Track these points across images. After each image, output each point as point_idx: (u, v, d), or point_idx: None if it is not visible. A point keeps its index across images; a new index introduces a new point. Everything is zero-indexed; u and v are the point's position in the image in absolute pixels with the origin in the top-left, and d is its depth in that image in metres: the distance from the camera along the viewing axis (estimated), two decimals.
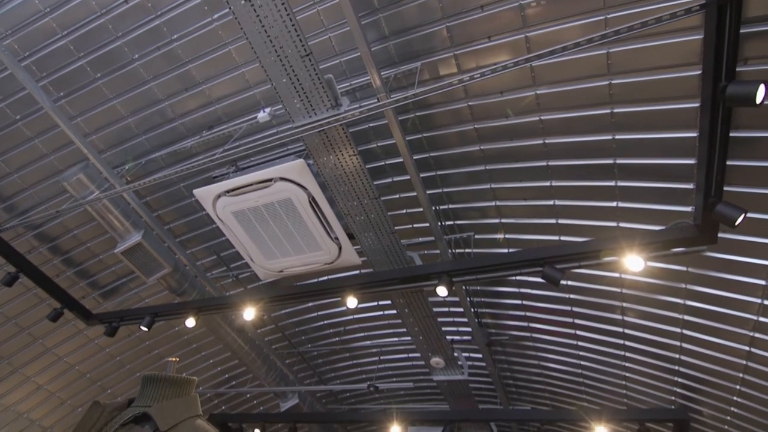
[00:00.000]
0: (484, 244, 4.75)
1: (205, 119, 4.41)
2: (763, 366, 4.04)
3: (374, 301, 6.04)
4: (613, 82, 3.17)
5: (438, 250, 4.35)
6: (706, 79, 2.28)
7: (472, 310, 5.03)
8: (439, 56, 3.53)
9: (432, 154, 4.19)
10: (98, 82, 4.15)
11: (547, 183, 3.96)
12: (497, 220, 4.49)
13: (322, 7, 3.52)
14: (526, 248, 4.48)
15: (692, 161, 3.24)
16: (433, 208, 4.47)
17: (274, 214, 3.80)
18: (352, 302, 3.90)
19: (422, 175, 4.35)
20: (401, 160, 4.08)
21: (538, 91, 3.44)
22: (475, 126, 3.84)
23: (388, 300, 5.88)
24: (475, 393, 5.83)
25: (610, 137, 3.43)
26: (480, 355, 5.78)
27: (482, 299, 5.42)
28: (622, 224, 3.91)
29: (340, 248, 4.02)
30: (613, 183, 3.69)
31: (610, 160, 3.56)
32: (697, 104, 2.98)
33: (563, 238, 4.29)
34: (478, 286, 5.29)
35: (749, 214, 2.93)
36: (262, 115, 3.70)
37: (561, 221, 4.19)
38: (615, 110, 3.29)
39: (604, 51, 3.07)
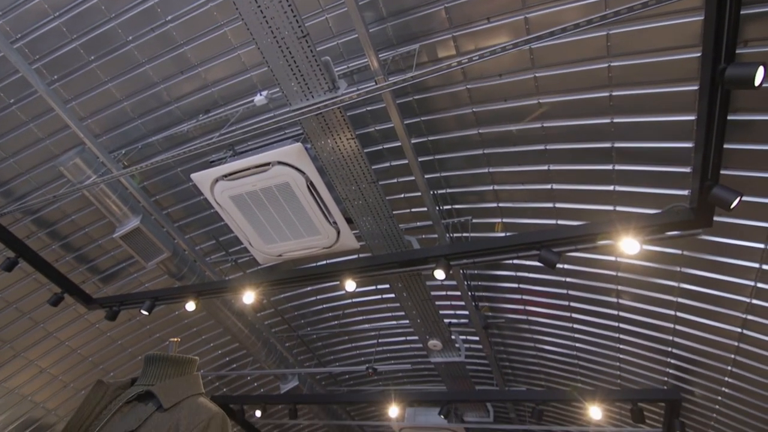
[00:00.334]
0: (481, 228, 4.78)
1: (202, 103, 4.37)
2: (754, 347, 4.11)
3: (372, 285, 6.10)
4: (613, 64, 3.15)
5: (436, 235, 4.37)
6: (706, 61, 2.27)
7: (470, 293, 5.09)
8: (437, 38, 3.49)
9: (430, 138, 4.18)
10: (92, 65, 4.09)
11: (545, 167, 3.97)
12: (495, 204, 4.51)
13: None
14: (523, 232, 4.51)
15: (690, 144, 3.25)
16: (431, 192, 4.47)
17: (272, 199, 3.80)
18: (350, 286, 3.94)
19: (420, 159, 4.34)
20: (399, 144, 4.06)
21: (537, 74, 3.42)
22: (474, 109, 3.82)
23: (386, 284, 5.93)
24: (471, 374, 5.94)
25: (608, 120, 3.42)
26: (477, 338, 5.86)
27: (479, 283, 5.47)
28: (618, 208, 3.94)
29: (339, 232, 4.04)
30: (610, 167, 3.70)
31: (608, 144, 3.56)
32: (696, 87, 2.97)
33: (560, 222, 4.31)
34: (475, 270, 5.34)
35: (745, 198, 2.95)
36: (259, 99, 3.67)
37: (558, 205, 4.20)
38: (614, 93, 3.28)
39: (604, 32, 3.04)
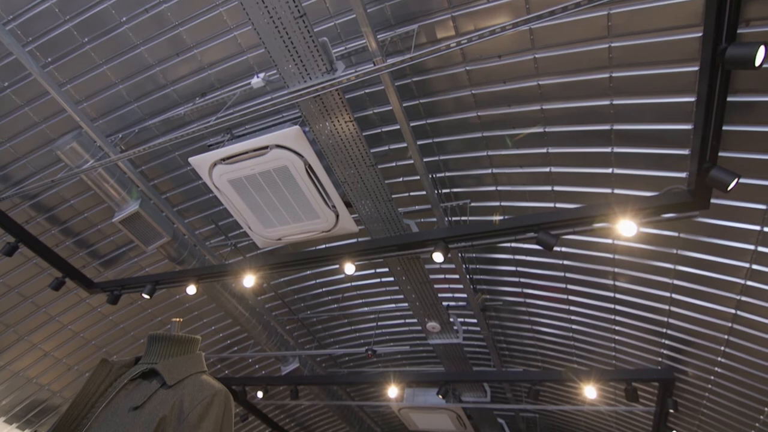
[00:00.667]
0: (480, 212, 4.79)
1: (198, 85, 4.32)
2: (747, 328, 4.18)
3: (371, 269, 6.14)
4: (613, 45, 3.12)
5: (435, 218, 4.40)
6: (707, 41, 2.25)
7: (468, 276, 5.13)
8: (436, 18, 3.44)
9: (429, 120, 4.16)
10: (86, 47, 4.03)
11: (544, 150, 3.96)
12: (494, 188, 4.51)
13: None
14: (521, 215, 4.52)
15: (688, 126, 3.24)
16: (430, 175, 4.47)
17: (271, 182, 3.80)
18: (350, 269, 3.97)
19: (419, 142, 4.33)
20: (398, 127, 4.05)
21: (536, 55, 3.38)
22: (473, 92, 3.79)
23: (385, 267, 5.98)
24: (469, 356, 6.04)
25: (607, 102, 3.40)
26: (475, 320, 5.94)
27: (478, 266, 5.52)
28: (616, 191, 3.94)
29: (337, 216, 4.05)
30: (609, 149, 3.69)
31: (607, 126, 3.55)
32: (696, 68, 2.95)
33: (558, 205, 4.33)
34: (473, 254, 5.37)
35: (742, 180, 2.97)
36: (256, 81, 3.63)
37: (556, 188, 4.21)
38: (614, 74, 3.25)
39: (605, 12, 3.00)
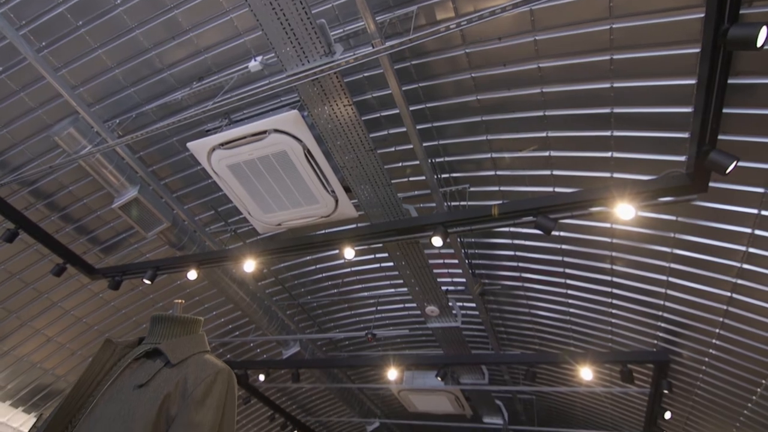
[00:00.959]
0: (479, 197, 4.80)
1: (195, 70, 4.27)
2: (742, 311, 4.23)
3: (371, 254, 6.18)
4: (615, 26, 3.08)
5: (434, 203, 4.40)
6: (709, 21, 2.23)
7: (467, 261, 5.16)
8: None
9: (428, 104, 4.13)
10: (80, 31, 3.97)
11: (543, 134, 3.95)
12: (493, 173, 4.51)
13: None
14: (520, 199, 4.53)
15: (688, 109, 3.22)
16: (430, 160, 4.47)
17: (270, 167, 3.80)
18: (349, 253, 3.99)
19: (418, 126, 4.30)
20: (397, 111, 4.03)
21: (537, 37, 3.34)
22: (473, 75, 3.76)
23: (384, 253, 6.01)
24: (468, 339, 6.10)
25: (608, 85, 3.38)
26: (473, 304, 6.00)
27: (476, 251, 5.55)
28: (615, 175, 3.95)
29: (337, 201, 4.06)
30: (608, 133, 3.68)
31: (607, 110, 3.53)
32: (697, 49, 2.92)
33: (557, 189, 4.33)
34: (472, 239, 5.40)
35: (741, 163, 2.96)
36: (254, 64, 3.60)
37: (555, 172, 4.21)
38: (615, 57, 3.22)
39: None
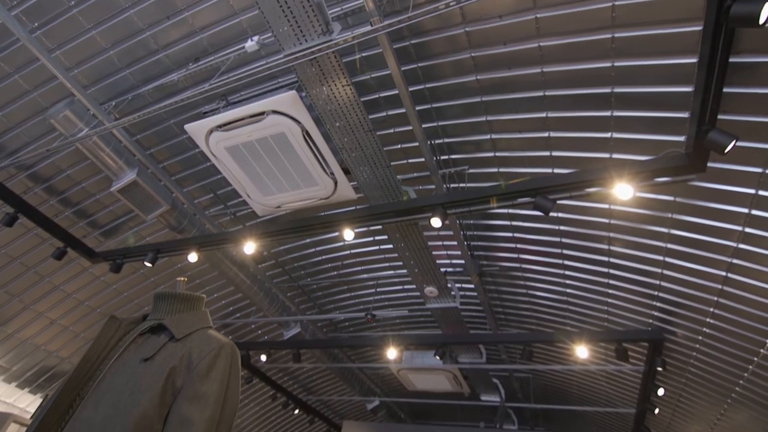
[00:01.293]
0: (478, 178, 4.80)
1: (191, 50, 4.21)
2: (737, 290, 4.30)
3: (370, 236, 6.21)
4: (617, 3, 3.04)
5: (433, 185, 4.41)
6: None
7: (466, 243, 5.20)
8: None
9: (427, 85, 4.10)
10: (73, 11, 3.89)
11: (543, 114, 3.93)
12: (492, 154, 4.50)
13: None
14: (519, 180, 4.54)
15: (689, 89, 3.21)
16: (429, 142, 4.45)
17: (269, 149, 3.79)
18: (349, 235, 4.02)
19: (417, 108, 4.27)
20: (396, 92, 3.99)
21: (538, 15, 3.29)
22: (472, 54, 3.71)
23: (384, 235, 6.04)
24: (466, 319, 6.20)
25: (609, 64, 3.35)
26: (472, 285, 6.07)
27: (475, 233, 5.58)
28: (615, 155, 3.95)
29: (336, 183, 4.06)
30: (608, 113, 3.67)
31: (608, 89, 3.51)
32: (699, 27, 2.88)
33: (556, 170, 4.34)
34: (471, 220, 5.42)
35: (740, 143, 2.96)
36: (250, 44, 3.55)
37: (555, 153, 4.21)
38: (616, 35, 3.19)
39: None
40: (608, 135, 3.83)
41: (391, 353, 6.41)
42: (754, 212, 3.67)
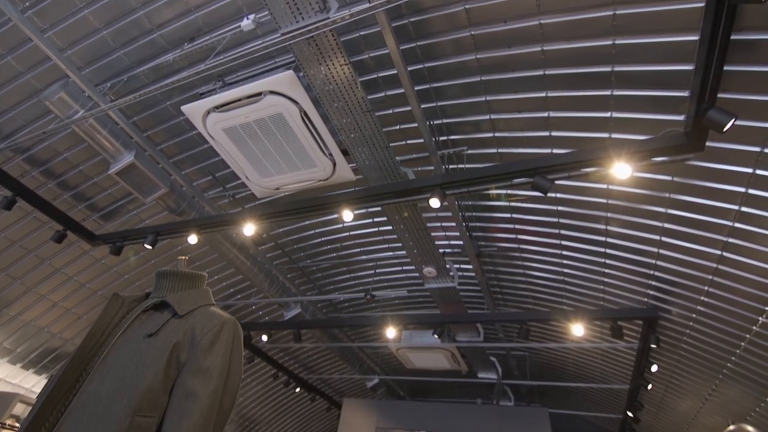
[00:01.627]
0: (477, 159, 4.80)
1: (185, 30, 4.14)
2: (731, 268, 4.35)
3: (369, 218, 6.23)
4: None
5: (432, 166, 4.40)
6: None
7: (464, 224, 5.23)
8: None
9: (426, 64, 4.05)
10: None
11: (543, 93, 3.90)
12: (491, 134, 4.49)
13: None
14: (517, 161, 4.54)
15: (690, 67, 3.18)
16: (428, 122, 4.43)
17: (266, 130, 3.77)
18: (348, 216, 4.04)
19: (416, 88, 4.23)
20: (395, 71, 3.94)
21: None
22: (472, 32, 3.66)
23: (383, 217, 6.06)
24: (464, 299, 6.29)
25: (610, 42, 3.32)
26: (470, 266, 6.13)
27: (474, 213, 5.61)
28: (614, 135, 3.94)
29: (335, 164, 4.05)
30: (608, 92, 3.64)
31: (608, 68, 3.48)
32: (702, 4, 2.84)
33: (555, 151, 4.33)
34: (470, 201, 5.44)
35: (739, 122, 2.96)
36: (246, 23, 3.49)
37: (554, 134, 4.20)
38: (617, 12, 3.14)
39: None
40: (608, 114, 3.81)
41: (391, 333, 6.51)
42: (751, 191, 3.69)
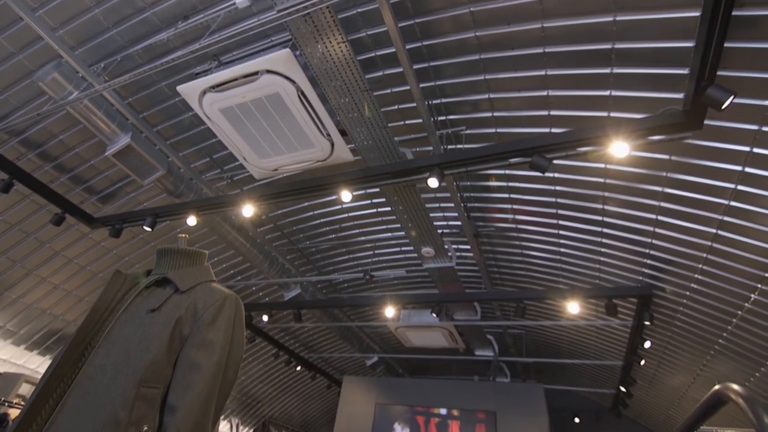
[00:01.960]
0: (475, 139, 4.78)
1: (179, 8, 4.05)
2: (726, 246, 4.40)
3: (368, 200, 6.25)
4: None
5: (430, 147, 4.39)
6: None
7: (462, 204, 5.25)
8: None
9: (425, 42, 4.00)
10: None
11: (542, 72, 3.87)
12: (490, 114, 4.47)
13: None
14: (515, 139, 4.53)
15: (690, 44, 3.16)
16: (426, 102, 4.39)
17: (264, 111, 3.74)
18: (346, 196, 4.05)
19: (415, 66, 4.18)
20: (393, 50, 3.89)
21: None
22: (471, 9, 3.60)
23: (381, 198, 6.08)
24: (462, 279, 6.37)
25: (611, 18, 3.27)
26: (468, 246, 6.18)
27: (472, 194, 5.62)
28: (613, 114, 3.93)
29: (333, 145, 4.04)
30: (608, 70, 3.62)
31: (608, 45, 3.44)
32: None
33: (554, 130, 4.32)
34: (468, 182, 5.45)
35: (737, 100, 2.96)
36: (241, 0, 3.41)
37: (553, 113, 4.18)
38: None
39: None
40: (607, 93, 3.79)
41: (389, 312, 6.61)
42: (748, 170, 3.71)
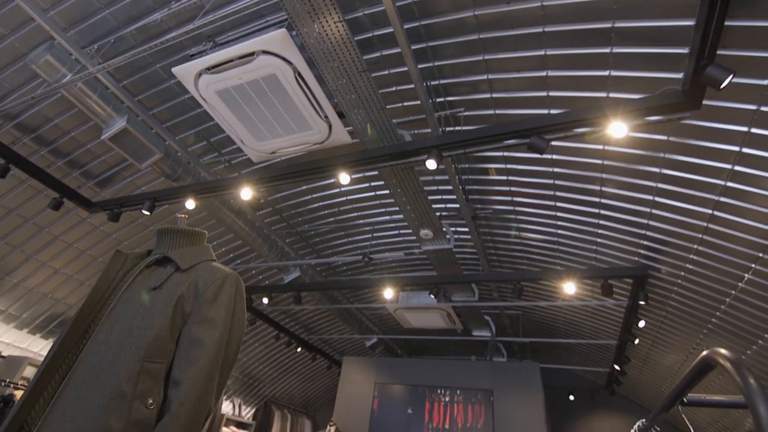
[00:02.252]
0: (473, 121, 4.76)
1: None
2: (721, 227, 4.44)
3: (366, 183, 6.24)
4: None
5: (429, 129, 4.38)
6: None
7: (461, 187, 5.26)
8: None
9: (423, 22, 3.94)
10: None
11: (542, 52, 3.83)
12: (488, 95, 4.44)
13: None
14: (514, 120, 4.51)
15: (691, 22, 3.12)
16: (425, 83, 4.36)
17: (260, 92, 3.70)
18: (344, 179, 4.05)
19: (413, 47, 4.14)
20: (391, 30, 3.85)
21: None
22: None
23: (380, 181, 6.08)
24: (459, 261, 6.41)
25: None
26: (466, 228, 6.22)
27: (470, 176, 5.63)
28: (612, 94, 3.91)
29: (331, 127, 4.02)
30: (608, 49, 3.58)
31: (609, 24, 3.40)
32: None
33: (553, 111, 4.30)
34: (466, 164, 5.45)
35: (735, 79, 2.94)
36: None
37: (552, 93, 4.15)
38: None
39: None
40: (606, 73, 3.77)
41: (388, 294, 6.69)
42: (745, 150, 3.72)
